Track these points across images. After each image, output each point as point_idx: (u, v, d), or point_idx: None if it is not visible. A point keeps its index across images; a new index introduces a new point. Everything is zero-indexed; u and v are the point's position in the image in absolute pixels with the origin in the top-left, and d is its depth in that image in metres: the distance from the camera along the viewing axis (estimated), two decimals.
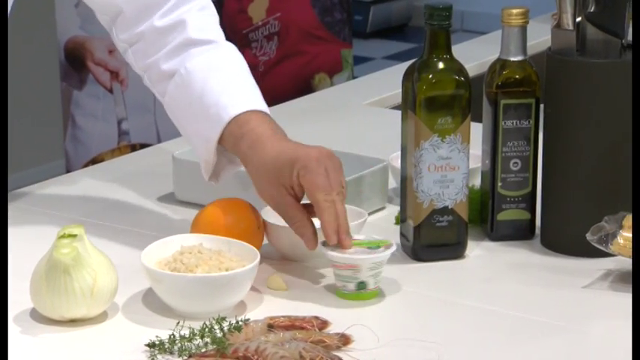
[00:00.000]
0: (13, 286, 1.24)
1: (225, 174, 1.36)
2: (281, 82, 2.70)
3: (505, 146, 1.36)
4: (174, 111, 1.36)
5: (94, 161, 2.57)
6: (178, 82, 1.34)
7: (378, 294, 1.24)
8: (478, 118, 1.38)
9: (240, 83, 1.34)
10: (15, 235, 1.40)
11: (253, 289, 1.24)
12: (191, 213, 1.36)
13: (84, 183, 1.57)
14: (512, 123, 1.36)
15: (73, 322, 1.18)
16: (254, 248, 1.25)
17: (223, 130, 1.30)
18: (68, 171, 2.24)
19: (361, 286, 1.22)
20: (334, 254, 1.23)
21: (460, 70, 1.32)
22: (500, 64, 1.36)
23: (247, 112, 1.30)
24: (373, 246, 1.24)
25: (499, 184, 1.37)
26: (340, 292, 1.23)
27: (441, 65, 1.31)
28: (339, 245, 1.24)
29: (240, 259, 1.23)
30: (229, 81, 1.34)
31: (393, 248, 1.24)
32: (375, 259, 1.22)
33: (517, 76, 1.36)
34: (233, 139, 1.30)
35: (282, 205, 1.27)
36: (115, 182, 1.56)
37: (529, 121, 1.36)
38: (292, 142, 1.29)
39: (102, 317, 1.19)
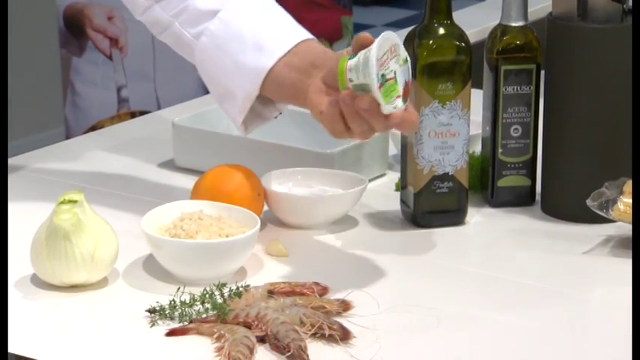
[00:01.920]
0: (13, 252, 1.24)
1: (253, 127, 1.33)
2: None
3: (506, 112, 1.36)
4: (213, 52, 1.30)
5: (94, 128, 2.57)
6: (223, 17, 1.29)
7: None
8: (479, 85, 1.37)
9: (287, 19, 1.30)
10: (15, 201, 1.40)
11: (253, 255, 1.24)
12: (191, 179, 1.36)
13: (84, 150, 1.56)
14: (513, 89, 1.36)
15: (74, 287, 1.18)
16: (254, 214, 1.24)
17: (262, 85, 1.25)
18: (68, 138, 2.24)
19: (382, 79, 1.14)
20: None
21: (461, 35, 1.31)
22: (501, 29, 1.36)
23: (305, 41, 1.26)
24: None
25: (499, 150, 1.37)
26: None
27: (441, 31, 1.31)
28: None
29: (240, 225, 1.23)
30: (279, 17, 1.29)
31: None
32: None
33: (518, 42, 1.35)
34: (284, 74, 1.25)
35: (326, 109, 1.19)
36: (115, 149, 1.56)
37: (530, 87, 1.36)
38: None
39: (102, 283, 1.20)
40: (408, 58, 1.18)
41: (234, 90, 1.30)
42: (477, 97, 1.36)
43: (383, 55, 1.15)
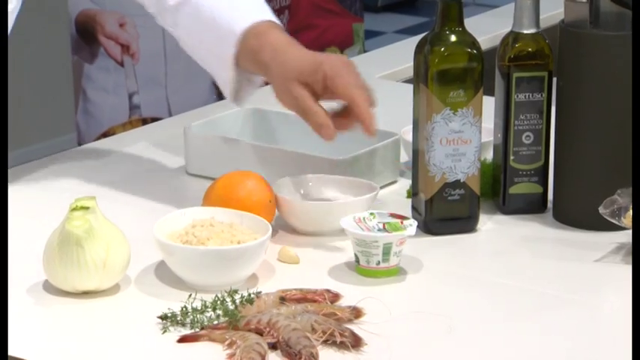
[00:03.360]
0: (26, 259, 1.24)
1: (245, 95, 1.38)
2: None
3: (517, 119, 1.36)
4: (187, 41, 1.38)
5: (106, 135, 2.58)
6: (188, 10, 1.36)
7: (398, 271, 1.24)
8: (490, 92, 1.37)
9: (249, 1, 1.37)
10: (27, 207, 1.40)
11: (265, 262, 1.24)
12: (203, 186, 1.36)
13: (96, 156, 1.57)
14: (525, 96, 1.36)
15: (86, 294, 1.18)
16: (266, 221, 1.25)
17: (239, 44, 1.32)
18: (80, 144, 2.24)
19: (383, 261, 1.22)
20: (357, 232, 1.23)
21: (472, 43, 1.31)
22: (513, 36, 1.36)
23: (261, 22, 1.33)
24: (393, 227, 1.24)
25: (511, 157, 1.37)
26: (360, 269, 1.23)
27: (453, 38, 1.31)
28: (369, 133, 1.28)
29: (252, 232, 1.23)
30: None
31: (415, 224, 1.24)
32: (399, 235, 1.22)
33: (530, 49, 1.35)
34: (252, 53, 1.33)
35: (301, 99, 1.29)
36: (126, 155, 1.56)
37: (542, 94, 1.36)
38: (313, 51, 1.31)
39: (114, 289, 1.20)
40: None
41: (215, 74, 1.36)
42: (489, 105, 1.36)
43: None
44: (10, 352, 1.07)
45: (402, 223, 1.24)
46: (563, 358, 1.10)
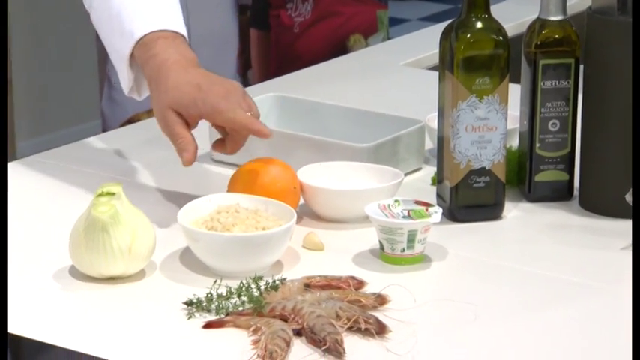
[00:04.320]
0: (52, 244, 1.25)
1: (145, 90, 1.38)
2: (316, 43, 2.69)
3: (544, 107, 1.36)
4: (97, 25, 1.39)
5: (130, 121, 2.58)
6: None
7: (423, 259, 1.24)
8: (516, 79, 1.37)
9: (158, 2, 1.35)
10: (54, 193, 1.41)
11: (290, 248, 1.24)
12: (227, 173, 1.36)
13: (121, 142, 1.57)
14: (551, 83, 1.35)
15: (112, 279, 1.19)
16: (291, 208, 1.25)
17: (132, 49, 1.32)
18: (104, 131, 2.25)
19: (408, 248, 1.22)
20: (381, 219, 1.23)
21: (499, 29, 1.31)
22: (540, 23, 1.35)
23: (155, 32, 1.31)
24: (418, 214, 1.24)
25: (537, 145, 1.36)
26: (385, 256, 1.23)
27: (479, 25, 1.30)
28: (261, 136, 1.28)
29: (276, 218, 1.24)
30: None
31: (440, 211, 1.24)
32: (423, 222, 1.22)
33: (556, 36, 1.34)
34: (140, 62, 1.33)
35: (171, 124, 1.29)
36: (151, 142, 1.57)
37: (568, 82, 1.35)
38: (196, 72, 1.30)
39: (140, 275, 1.20)
40: None
41: (114, 64, 1.37)
42: (515, 92, 1.36)
43: None
44: (36, 337, 1.08)
45: (426, 210, 1.24)
46: (588, 345, 1.10)
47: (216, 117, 1.29)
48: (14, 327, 1.09)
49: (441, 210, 1.25)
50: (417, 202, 1.26)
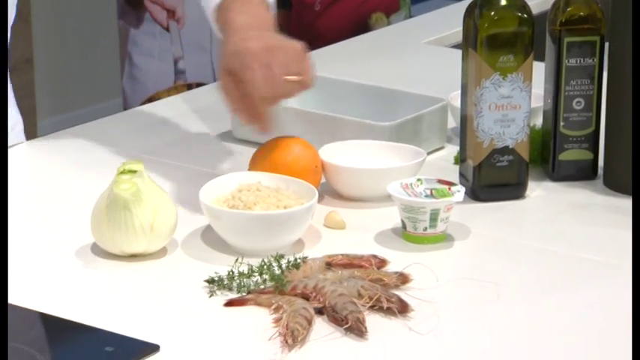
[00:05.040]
0: (74, 221, 1.26)
1: None
2: (337, 21, 2.69)
3: (568, 85, 1.35)
4: None
5: (151, 100, 2.58)
6: None
7: (445, 238, 1.23)
8: (540, 57, 1.36)
9: None
10: (76, 170, 1.41)
11: (311, 227, 1.24)
12: (249, 151, 1.36)
13: (143, 120, 1.58)
14: (576, 61, 1.34)
15: (133, 257, 1.19)
16: (312, 186, 1.25)
17: (215, 13, 1.31)
18: (125, 109, 2.26)
19: (430, 227, 1.22)
20: (404, 197, 1.22)
21: (523, 6, 1.30)
22: (565, 0, 1.34)
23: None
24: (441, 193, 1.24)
25: (561, 123, 1.36)
26: (407, 235, 1.23)
27: (503, 2, 1.29)
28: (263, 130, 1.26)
29: (298, 197, 1.23)
30: None
31: (463, 190, 1.24)
32: (446, 201, 1.22)
33: (581, 13, 1.33)
34: (218, 29, 1.32)
35: (222, 87, 1.27)
36: (173, 120, 1.57)
37: (593, 59, 1.34)
38: (256, 33, 1.27)
39: (161, 253, 1.21)
40: None
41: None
42: (539, 70, 1.35)
43: None
44: (59, 314, 1.09)
45: (449, 189, 1.24)
46: (611, 326, 1.09)
47: (244, 77, 1.25)
48: (36, 304, 1.10)
49: (463, 189, 1.24)
50: (440, 181, 1.25)
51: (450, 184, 1.25)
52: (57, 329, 1.08)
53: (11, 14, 1.39)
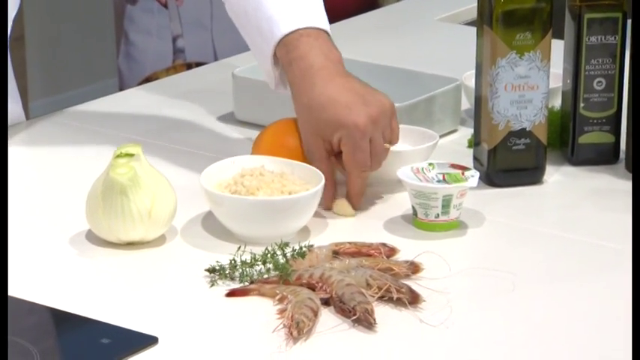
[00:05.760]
0: (68, 207, 1.26)
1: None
2: None
3: (588, 64, 1.35)
4: (234, 17, 1.34)
5: (148, 80, 2.59)
6: None
7: (459, 225, 1.24)
8: (559, 34, 1.36)
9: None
10: (69, 154, 1.42)
11: (317, 213, 1.25)
12: (252, 133, 1.37)
13: (139, 101, 1.58)
14: (597, 39, 1.34)
15: (130, 245, 1.20)
16: (318, 171, 1.25)
17: (274, 49, 1.28)
18: (121, 90, 2.26)
19: (443, 214, 1.22)
20: (415, 183, 1.23)
21: None
22: None
23: (298, 30, 1.26)
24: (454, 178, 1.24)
25: (581, 104, 1.36)
26: (418, 222, 1.24)
27: None
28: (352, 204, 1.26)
29: (303, 182, 1.24)
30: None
31: (477, 175, 1.24)
32: (459, 186, 1.22)
33: None
34: (283, 63, 1.28)
35: (313, 156, 1.26)
36: (172, 101, 1.57)
37: (615, 37, 1.34)
38: (345, 87, 1.24)
39: (160, 241, 1.21)
40: None
41: (256, 58, 1.31)
42: (558, 48, 1.35)
43: None
44: (52, 305, 1.09)
45: (463, 174, 1.24)
46: (631, 315, 1.10)
47: (345, 158, 1.24)
48: (29, 294, 1.11)
49: (478, 174, 1.25)
50: (453, 166, 1.26)
51: (464, 168, 1.25)
52: (50, 320, 1.09)
53: (12, 12, 1.39)
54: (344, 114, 1.23)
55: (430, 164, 1.26)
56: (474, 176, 1.24)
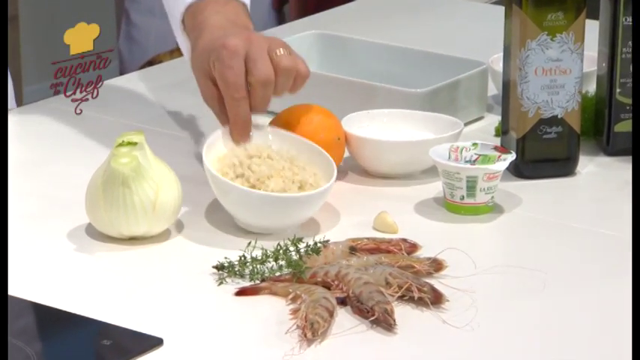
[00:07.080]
0: (67, 200, 1.27)
1: None
2: None
3: (626, 47, 1.35)
4: None
5: (151, 63, 2.59)
6: None
7: (490, 210, 1.24)
8: (594, 15, 1.36)
9: None
10: (66, 143, 1.42)
11: (331, 207, 1.25)
12: (263, 121, 1.37)
13: (141, 86, 1.59)
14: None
15: (133, 239, 1.21)
16: (328, 156, 1.25)
17: (183, 15, 1.31)
18: (122, 74, 2.27)
19: (468, 197, 1.23)
20: (440, 161, 1.24)
21: None
22: None
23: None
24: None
25: (618, 90, 1.36)
26: (447, 203, 1.25)
27: None
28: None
29: (314, 167, 1.24)
30: None
31: (509, 159, 1.25)
32: (482, 168, 1.23)
33: None
34: (188, 29, 1.32)
35: (205, 97, 1.27)
36: (175, 86, 1.58)
37: None
38: (231, 28, 1.26)
39: (164, 235, 1.22)
40: None
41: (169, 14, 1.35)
42: (592, 29, 1.35)
43: None
44: (50, 303, 1.10)
45: (500, 157, 1.25)
46: None
47: (216, 74, 1.25)
48: (25, 292, 1.11)
49: (510, 158, 1.25)
50: (496, 148, 1.27)
51: (505, 152, 1.26)
52: (48, 320, 1.09)
53: None
54: (217, 39, 1.24)
55: (474, 144, 1.27)
56: (504, 160, 1.24)
